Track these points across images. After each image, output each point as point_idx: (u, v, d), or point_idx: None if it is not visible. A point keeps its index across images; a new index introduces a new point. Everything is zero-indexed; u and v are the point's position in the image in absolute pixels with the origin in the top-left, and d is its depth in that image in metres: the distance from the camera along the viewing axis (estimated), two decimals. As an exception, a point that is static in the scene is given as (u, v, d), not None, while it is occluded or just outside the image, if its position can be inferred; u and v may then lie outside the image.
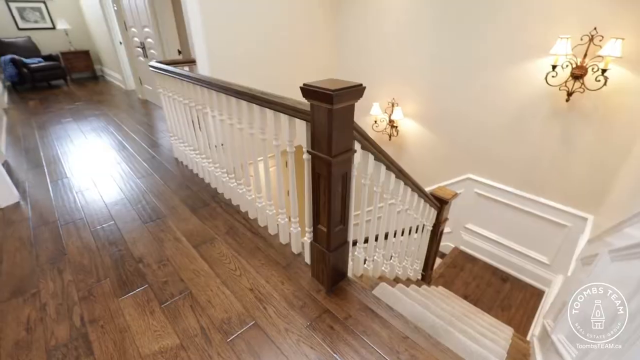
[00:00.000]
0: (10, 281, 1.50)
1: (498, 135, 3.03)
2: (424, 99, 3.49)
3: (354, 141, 1.20)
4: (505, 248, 3.33)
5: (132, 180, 2.42)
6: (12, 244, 1.75)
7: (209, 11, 2.72)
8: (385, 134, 3.88)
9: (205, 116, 1.96)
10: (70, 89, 5.71)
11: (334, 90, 0.95)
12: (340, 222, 1.31)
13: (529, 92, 2.73)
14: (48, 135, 3.39)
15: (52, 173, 2.55)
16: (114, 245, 1.74)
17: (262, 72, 3.28)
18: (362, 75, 3.88)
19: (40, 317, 1.32)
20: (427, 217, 2.26)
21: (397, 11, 3.36)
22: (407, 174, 1.68)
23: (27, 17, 5.89)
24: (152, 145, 3.06)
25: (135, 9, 3.83)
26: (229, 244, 1.73)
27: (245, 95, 1.43)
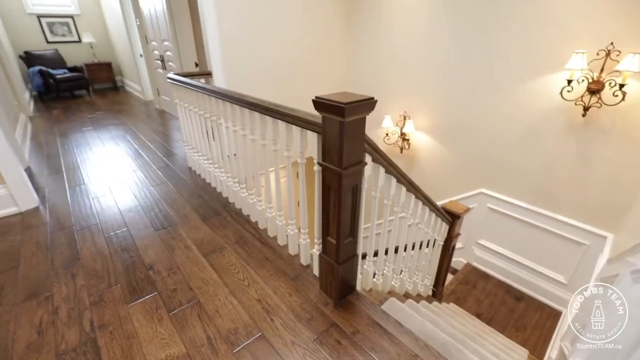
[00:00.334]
0: (25, 284, 1.54)
1: (512, 150, 2.98)
2: (436, 113, 3.48)
3: (365, 153, 1.20)
4: (519, 265, 3.23)
5: (147, 187, 2.47)
6: (30, 247, 1.80)
7: (226, 26, 2.81)
8: (396, 146, 3.87)
9: (219, 127, 2.01)
10: (92, 98, 5.93)
11: (346, 103, 0.96)
12: (350, 235, 1.30)
13: (543, 106, 2.69)
14: (69, 142, 3.51)
15: (70, 179, 2.63)
16: (126, 251, 1.76)
17: (275, 85, 3.34)
18: (374, 89, 3.91)
19: (52, 320, 1.34)
20: (439, 231, 2.22)
21: (409, 25, 3.40)
22: (418, 187, 1.66)
23: (56, 31, 6.21)
24: (167, 154, 3.13)
25: (156, 23, 3.99)
26: (238, 253, 1.74)
27: (259, 107, 1.46)
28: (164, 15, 3.67)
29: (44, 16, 6.01)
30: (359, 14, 3.77)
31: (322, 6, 3.50)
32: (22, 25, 5.83)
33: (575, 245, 2.80)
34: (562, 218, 2.82)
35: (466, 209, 2.20)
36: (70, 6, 6.24)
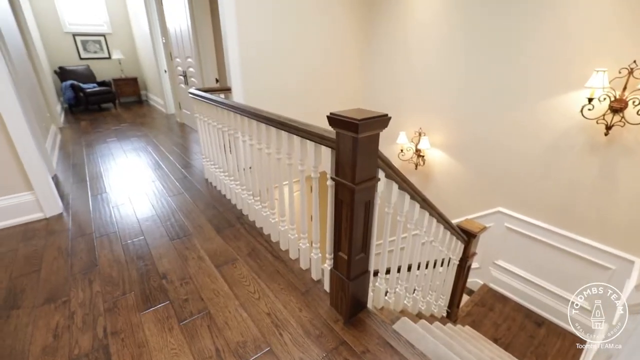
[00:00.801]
0: (45, 288, 1.59)
1: (530, 168, 2.91)
2: (452, 129, 3.46)
3: (378, 169, 1.20)
4: (539, 288, 3.09)
5: (164, 198, 2.54)
6: (52, 252, 1.87)
7: (246, 48, 2.92)
8: (411, 163, 3.85)
9: (236, 140, 2.06)
10: (117, 111, 6.22)
11: (360, 119, 0.98)
12: (362, 250, 1.29)
13: (563, 125, 2.63)
14: (94, 152, 3.67)
15: (93, 188, 2.73)
16: (142, 259, 1.80)
17: (292, 101, 3.42)
18: (390, 105, 3.94)
19: (68, 325, 1.38)
20: (454, 250, 2.17)
21: (426, 42, 3.43)
22: (432, 204, 1.64)
23: (89, 48, 6.61)
24: (185, 166, 3.22)
25: (181, 41, 4.19)
26: (250, 266, 1.74)
27: (275, 122, 1.50)
28: (188, 34, 3.85)
29: (79, 35, 6.43)
30: (375, 31, 3.85)
31: (340, 27, 3.59)
32: (58, 43, 6.25)
33: (600, 269, 2.67)
34: (586, 240, 2.70)
35: (482, 227, 2.15)
36: (103, 25, 6.65)
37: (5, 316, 1.42)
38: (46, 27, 6.03)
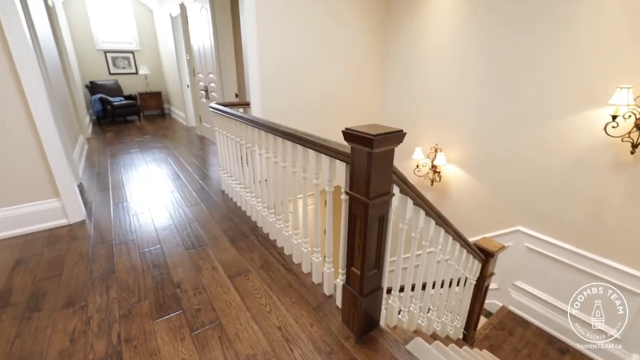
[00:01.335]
0: (65, 292, 1.64)
1: (552, 186, 2.82)
2: (469, 146, 3.41)
3: (393, 184, 1.20)
4: (563, 313, 2.93)
5: (182, 208, 2.60)
6: (73, 258, 1.94)
7: (266, 62, 3.02)
8: (427, 178, 3.80)
9: (253, 153, 2.11)
10: (141, 123, 6.48)
11: (375, 134, 0.99)
12: (375, 266, 1.27)
13: (585, 142, 2.55)
14: (117, 162, 3.82)
15: (115, 196, 2.83)
16: (157, 268, 1.84)
17: (308, 116, 3.48)
18: (405, 121, 3.94)
19: (84, 329, 1.41)
20: (470, 269, 2.10)
21: (443, 58, 3.45)
22: (448, 221, 1.61)
23: (118, 64, 6.99)
24: (203, 177, 3.30)
25: (204, 58, 4.37)
26: (263, 278, 1.75)
27: (291, 136, 1.53)
28: (211, 51, 4.02)
29: (110, 51, 6.83)
30: (392, 47, 3.90)
31: (357, 44, 3.66)
32: (91, 59, 6.65)
33: (629, 294, 2.51)
34: (613, 263, 2.56)
35: (501, 246, 2.08)
36: (132, 43, 7.04)
37: (27, 318, 1.47)
38: (81, 44, 6.44)
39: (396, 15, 3.76)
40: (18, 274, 1.79)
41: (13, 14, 1.88)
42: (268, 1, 2.87)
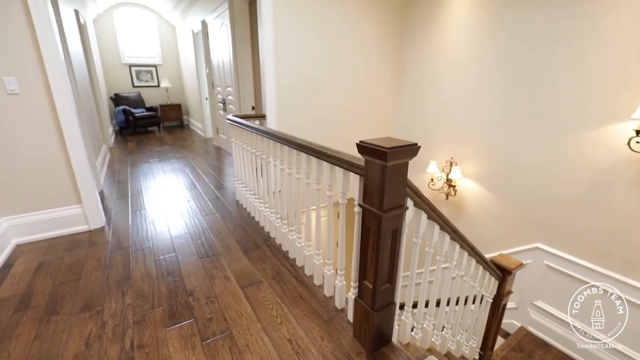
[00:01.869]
0: (83, 296, 1.69)
1: (572, 202, 2.72)
2: (486, 160, 3.36)
3: (407, 198, 1.20)
4: (587, 337, 2.78)
5: (197, 217, 2.64)
6: (92, 263, 1.99)
7: (282, 76, 3.09)
8: (442, 192, 3.74)
9: (268, 165, 2.14)
10: (161, 134, 6.69)
11: (389, 147, 0.99)
12: (388, 280, 1.26)
13: (608, 158, 2.47)
14: (137, 171, 3.94)
15: (134, 204, 2.91)
16: (171, 275, 1.87)
17: (323, 129, 3.51)
18: (420, 134, 3.92)
19: (99, 334, 1.44)
20: (487, 287, 2.04)
21: (458, 72, 3.44)
22: (463, 236, 1.58)
23: (141, 77, 7.31)
24: (218, 187, 3.36)
25: (223, 72, 4.51)
26: (274, 289, 1.74)
27: (306, 148, 1.55)
28: (230, 66, 4.15)
29: (134, 65, 7.16)
30: (407, 61, 3.93)
31: (373, 58, 3.71)
32: (116, 73, 6.98)
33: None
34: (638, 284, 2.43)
35: (519, 264, 2.01)
36: (155, 58, 7.36)
37: (46, 321, 1.51)
38: (108, 59, 6.78)
39: (411, 30, 3.80)
40: (40, 277, 1.85)
41: (49, 32, 2.01)
42: (286, 19, 2.96)
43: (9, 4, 1.89)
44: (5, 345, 1.38)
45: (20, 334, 1.44)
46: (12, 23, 1.92)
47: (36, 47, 2.00)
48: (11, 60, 1.97)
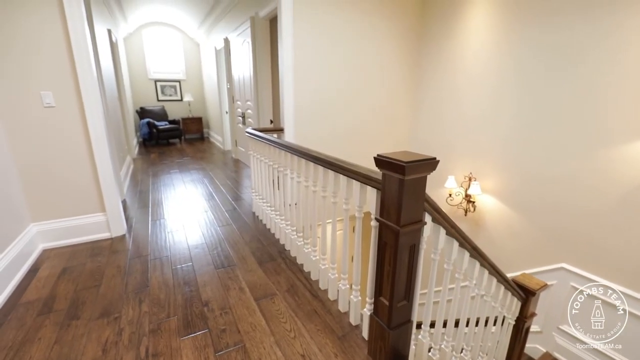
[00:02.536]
0: (102, 302, 1.72)
1: (600, 221, 2.59)
2: (506, 175, 3.27)
3: (425, 213, 1.18)
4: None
5: (214, 227, 2.68)
6: (111, 270, 2.05)
7: (301, 91, 3.15)
8: (460, 208, 3.66)
9: (285, 177, 2.16)
10: (182, 146, 6.90)
11: (407, 161, 0.99)
12: (405, 298, 1.23)
13: (637, 175, 2.35)
14: (158, 182, 4.06)
15: (154, 213, 2.99)
16: (187, 285, 1.89)
17: (340, 143, 3.53)
18: (437, 148, 3.88)
19: (116, 341, 1.46)
20: (509, 308, 1.95)
21: (477, 85, 3.41)
22: (484, 254, 1.53)
23: (165, 92, 7.63)
24: (235, 199, 3.41)
25: (243, 86, 4.65)
26: (288, 302, 1.73)
27: (323, 161, 1.56)
28: (250, 80, 4.28)
29: (160, 80, 7.50)
30: (424, 75, 3.93)
31: (391, 73, 3.74)
32: (143, 88, 7.33)
33: (703, 354, 2.18)
34: (679, 315, 2.26)
35: (543, 284, 1.92)
36: (179, 73, 7.69)
37: (67, 325, 1.55)
38: (135, 74, 7.14)
39: (428, 44, 3.82)
40: (63, 282, 1.91)
41: (84, 49, 2.14)
42: (305, 37, 3.04)
43: (50, 23, 2.04)
44: (28, 347, 1.42)
45: (42, 337, 1.48)
46: (52, 41, 2.07)
47: (72, 63, 2.13)
48: (49, 76, 2.11)
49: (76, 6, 2.07)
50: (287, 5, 2.85)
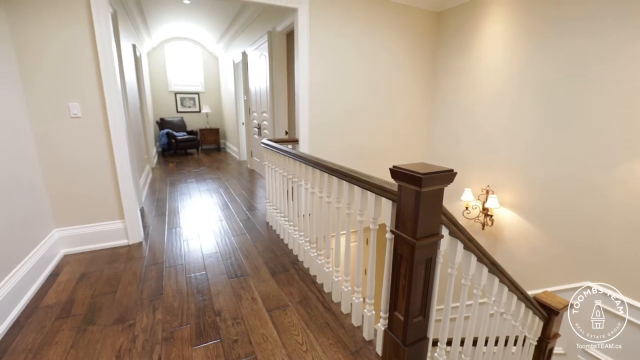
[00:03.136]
0: (117, 308, 1.75)
1: (628, 238, 2.47)
2: (526, 189, 3.17)
3: (442, 226, 1.15)
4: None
5: (228, 237, 2.70)
6: (128, 277, 2.08)
7: (316, 102, 3.19)
8: (477, 222, 3.56)
9: (299, 188, 2.17)
10: (199, 156, 7.06)
11: (423, 173, 0.98)
12: (420, 313, 1.19)
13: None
14: (175, 190, 4.15)
15: (170, 221, 3.04)
16: (201, 293, 1.89)
17: (354, 154, 3.54)
18: (453, 160, 3.82)
19: (129, 348, 1.47)
20: (530, 327, 1.86)
21: (494, 98, 3.36)
22: (503, 269, 1.47)
23: (185, 103, 7.88)
24: (249, 208, 3.44)
25: (259, 98, 4.75)
26: (300, 314, 1.71)
27: (337, 172, 1.56)
28: (266, 93, 4.37)
29: (179, 93, 7.76)
30: (440, 88, 3.91)
31: (407, 85, 3.74)
32: (163, 99, 7.60)
33: None
34: None
35: (566, 304, 1.83)
36: (199, 86, 7.94)
37: (83, 330, 1.58)
38: (157, 86, 7.42)
39: (444, 59, 3.81)
40: (81, 287, 1.95)
41: (110, 64, 2.25)
42: (321, 51, 3.10)
43: (80, 39, 2.16)
44: (45, 350, 1.45)
45: (59, 341, 1.51)
46: (81, 56, 2.18)
47: (98, 77, 2.24)
48: (77, 88, 2.21)
49: (105, 24, 2.18)
50: (303, 20, 2.91)
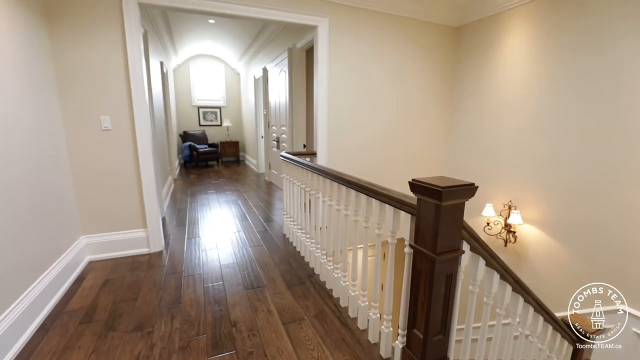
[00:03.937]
0: (137, 315, 1.78)
1: (668, 264, 2.31)
2: (551, 205, 3.05)
3: (463, 241, 1.13)
4: None
5: (245, 248, 2.73)
6: (148, 284, 2.13)
7: (335, 116, 3.23)
8: (499, 238, 3.44)
9: (317, 200, 2.18)
10: (219, 168, 7.23)
11: (444, 187, 0.97)
12: (440, 331, 1.15)
13: None
14: (195, 201, 4.25)
15: (190, 231, 3.11)
16: (218, 304, 1.91)
17: (373, 166, 3.52)
18: (474, 175, 3.73)
19: (147, 355, 1.49)
20: (558, 352, 1.75)
21: (515, 111, 3.29)
22: (528, 288, 1.41)
23: (207, 117, 8.15)
24: (267, 220, 3.47)
25: (279, 112, 4.86)
26: (316, 328, 1.69)
27: (355, 185, 1.56)
28: (285, 107, 4.46)
29: (202, 107, 8.05)
30: (459, 102, 3.87)
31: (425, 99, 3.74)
32: (187, 113, 7.90)
33: None
34: None
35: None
36: (220, 100, 8.22)
37: (104, 336, 1.62)
38: (181, 101, 7.73)
39: (463, 73, 3.79)
40: (104, 293, 2.01)
41: (140, 80, 2.37)
42: (339, 66, 3.15)
43: (114, 56, 2.30)
44: (68, 354, 1.49)
45: (81, 345, 1.55)
46: (113, 72, 2.32)
47: (128, 92, 2.36)
48: (108, 102, 2.34)
49: (136, 44, 2.32)
50: (323, 38, 2.99)
